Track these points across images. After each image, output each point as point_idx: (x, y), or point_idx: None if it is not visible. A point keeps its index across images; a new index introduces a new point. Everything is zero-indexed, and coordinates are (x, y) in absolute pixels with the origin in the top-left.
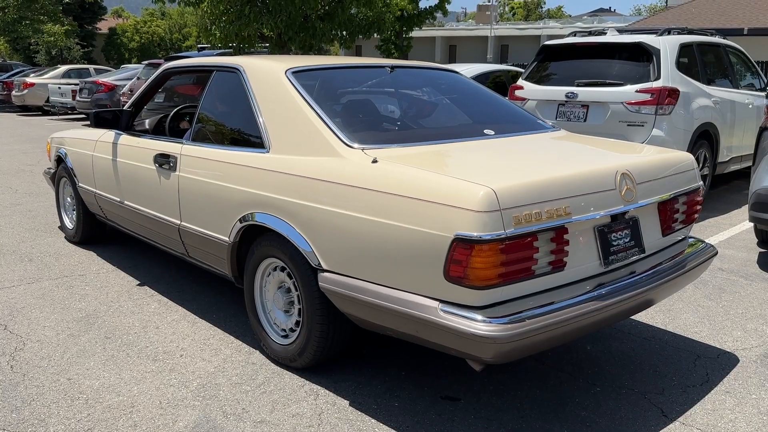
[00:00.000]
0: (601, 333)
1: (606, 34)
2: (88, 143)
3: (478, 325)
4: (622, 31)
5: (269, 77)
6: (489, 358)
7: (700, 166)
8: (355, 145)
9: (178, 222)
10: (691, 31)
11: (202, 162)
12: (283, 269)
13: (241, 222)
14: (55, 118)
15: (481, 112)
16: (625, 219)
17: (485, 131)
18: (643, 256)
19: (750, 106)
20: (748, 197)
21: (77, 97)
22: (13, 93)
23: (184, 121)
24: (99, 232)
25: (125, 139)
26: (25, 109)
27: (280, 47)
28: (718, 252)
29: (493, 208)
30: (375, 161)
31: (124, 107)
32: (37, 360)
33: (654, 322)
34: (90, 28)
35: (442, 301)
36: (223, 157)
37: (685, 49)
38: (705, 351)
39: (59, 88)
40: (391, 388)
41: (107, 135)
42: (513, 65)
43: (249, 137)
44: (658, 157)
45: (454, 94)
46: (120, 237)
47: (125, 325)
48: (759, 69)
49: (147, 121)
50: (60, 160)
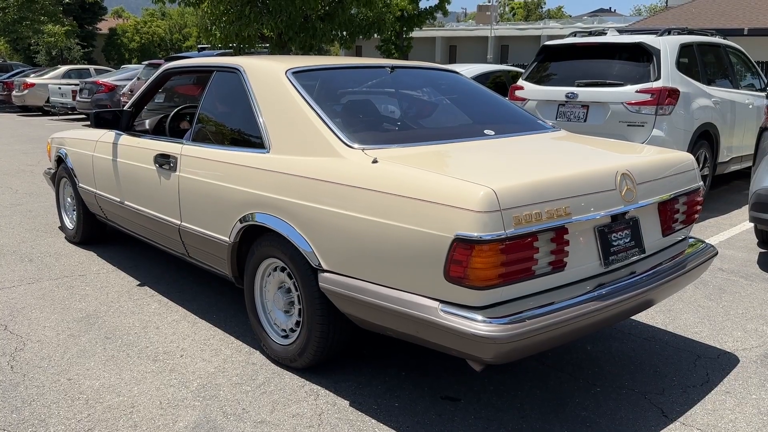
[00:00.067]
0: (602, 333)
1: (606, 34)
2: (88, 143)
3: (479, 325)
4: (622, 31)
5: (269, 77)
6: (489, 359)
7: (701, 166)
8: (356, 145)
9: (179, 222)
10: (691, 32)
11: (203, 162)
12: (283, 269)
13: (241, 222)
14: (56, 118)
15: (481, 112)
16: (625, 219)
17: (485, 131)
18: (643, 256)
19: (750, 107)
20: (748, 197)
21: (77, 98)
22: (14, 93)
23: (185, 121)
24: (99, 232)
25: (125, 139)
26: (26, 110)
27: (280, 47)
28: (718, 252)
29: (494, 208)
30: (375, 161)
31: (125, 107)
32: (37, 360)
33: (654, 323)
34: (90, 28)
35: (442, 301)
36: (223, 158)
37: (685, 49)
38: (705, 351)
39: (59, 88)
40: (391, 388)
41: (107, 135)
42: (513, 65)
43: (249, 137)
44: (658, 158)
45: (454, 94)
46: (120, 237)
47: (125, 326)
48: (759, 69)
49: (147, 121)
50: (60, 161)
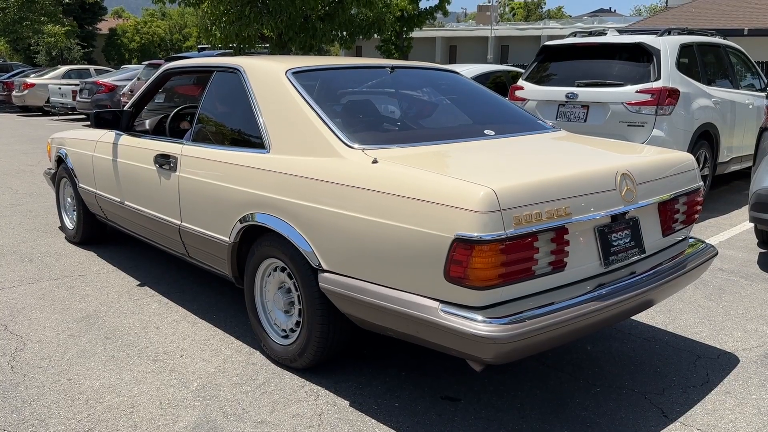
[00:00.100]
0: (602, 333)
1: (606, 34)
2: (88, 144)
3: (479, 325)
4: (622, 31)
5: (269, 78)
6: (489, 359)
7: (701, 166)
8: (356, 145)
9: (179, 222)
10: (691, 32)
11: (203, 162)
12: (283, 269)
13: (241, 222)
14: (56, 118)
15: (481, 112)
16: (625, 219)
17: (485, 131)
18: (643, 256)
19: (750, 107)
20: (748, 198)
21: (77, 98)
22: (14, 93)
23: (185, 121)
24: (99, 232)
25: (125, 139)
26: (26, 110)
27: (280, 48)
28: (718, 252)
29: (494, 208)
30: (375, 161)
31: (125, 108)
32: (37, 360)
33: (654, 323)
34: (90, 28)
35: (442, 301)
36: (223, 158)
37: (685, 49)
38: (705, 351)
39: (59, 88)
40: (391, 388)
41: (107, 135)
42: (513, 66)
43: (249, 137)
44: (658, 158)
45: (454, 94)
46: (120, 237)
47: (125, 326)
48: (759, 69)
49: (147, 121)
50: (60, 161)
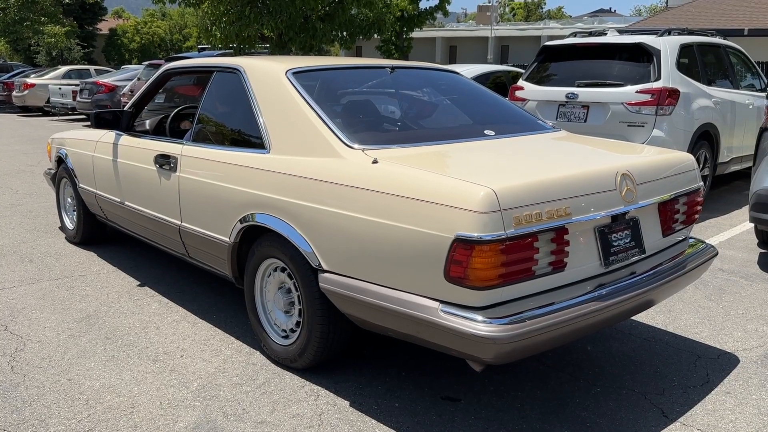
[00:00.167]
0: (602, 333)
1: (606, 34)
2: (88, 144)
3: (479, 325)
4: (622, 31)
5: (270, 78)
6: (489, 359)
7: (701, 166)
8: (356, 145)
9: (179, 223)
10: (691, 32)
11: (203, 162)
12: (283, 270)
13: (241, 223)
14: (56, 118)
15: (481, 112)
16: (625, 219)
17: (486, 132)
18: (643, 256)
19: (750, 107)
20: (748, 198)
21: (78, 98)
22: (14, 94)
23: (185, 121)
24: (99, 232)
25: (126, 139)
26: (26, 110)
27: (280, 48)
28: (718, 252)
29: (494, 208)
30: (375, 162)
31: (125, 108)
32: (37, 360)
33: (654, 323)
34: (90, 28)
35: (442, 301)
36: (223, 158)
37: (685, 49)
38: (705, 352)
39: (60, 88)
40: (391, 388)
41: (108, 136)
42: (513, 66)
43: (249, 138)
44: (658, 158)
45: (454, 94)
46: (120, 238)
47: (126, 326)
48: (759, 69)
49: (147, 121)
50: (60, 161)
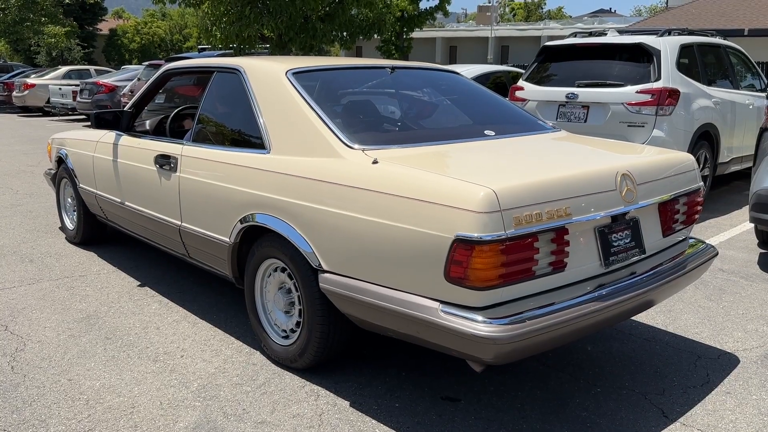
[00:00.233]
0: (602, 334)
1: (606, 35)
2: (88, 144)
3: (479, 325)
4: (622, 31)
5: (270, 78)
6: (489, 359)
7: (701, 166)
8: (356, 145)
9: (179, 223)
10: (691, 32)
11: (203, 163)
12: (283, 270)
13: (241, 223)
14: (56, 119)
15: (481, 112)
16: (625, 220)
17: (486, 132)
18: (643, 256)
19: (750, 107)
20: (748, 198)
21: (78, 98)
22: (14, 94)
23: (185, 121)
24: (99, 233)
25: (126, 140)
26: (26, 110)
27: (280, 48)
28: (718, 253)
29: (494, 208)
30: (375, 162)
31: (125, 108)
32: (37, 361)
33: (655, 323)
34: (90, 29)
35: (442, 301)
36: (223, 158)
37: (685, 49)
38: (706, 352)
39: (60, 89)
40: (391, 388)
41: (108, 136)
42: (513, 66)
43: (249, 138)
44: (658, 158)
45: (454, 94)
46: (121, 238)
47: (126, 326)
48: (759, 70)
49: (147, 122)
50: (61, 161)
